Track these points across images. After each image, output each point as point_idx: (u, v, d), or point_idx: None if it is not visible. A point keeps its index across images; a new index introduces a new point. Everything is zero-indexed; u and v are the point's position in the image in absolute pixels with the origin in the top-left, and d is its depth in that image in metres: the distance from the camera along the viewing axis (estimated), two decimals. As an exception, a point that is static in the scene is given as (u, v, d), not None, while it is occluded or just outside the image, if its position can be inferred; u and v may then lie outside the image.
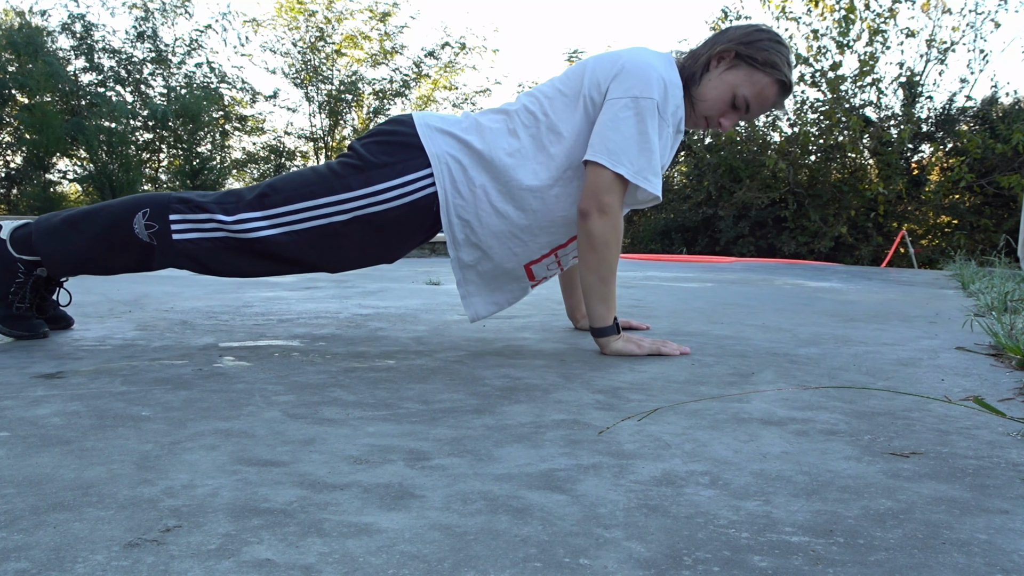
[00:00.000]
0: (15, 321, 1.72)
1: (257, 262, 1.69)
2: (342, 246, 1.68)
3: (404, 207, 1.67)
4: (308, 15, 13.78)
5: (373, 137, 1.71)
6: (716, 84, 1.70)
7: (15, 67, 10.68)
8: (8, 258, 1.69)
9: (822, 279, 4.53)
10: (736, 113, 1.75)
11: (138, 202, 1.66)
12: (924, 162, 10.28)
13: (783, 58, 1.70)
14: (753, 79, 1.69)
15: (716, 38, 1.72)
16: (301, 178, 1.68)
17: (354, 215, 1.65)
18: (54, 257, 1.67)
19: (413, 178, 1.66)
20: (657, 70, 1.64)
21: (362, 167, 1.66)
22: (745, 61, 1.68)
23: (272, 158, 14.09)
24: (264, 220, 1.64)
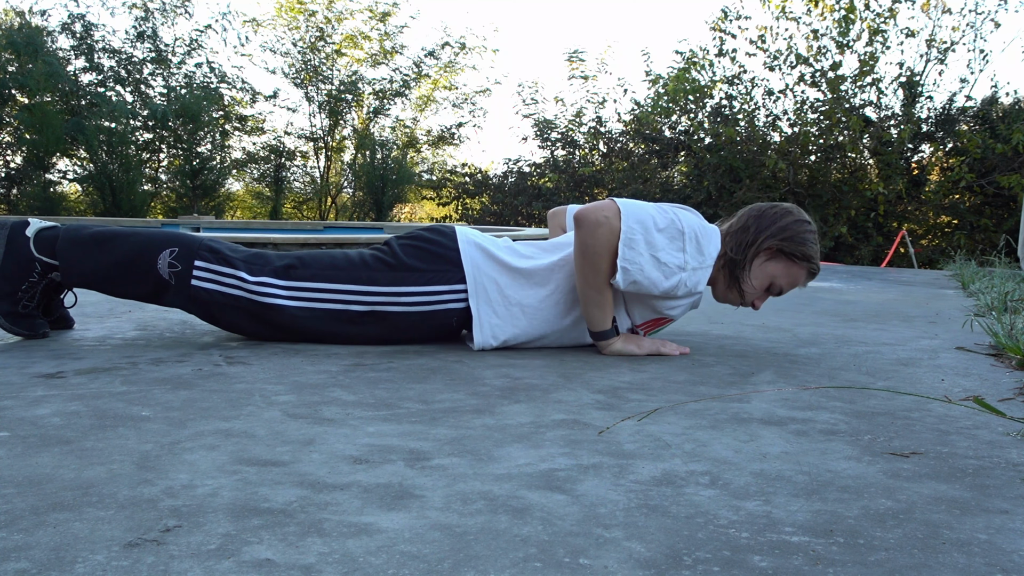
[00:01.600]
0: (18, 319, 1.72)
1: (262, 327, 1.75)
2: (350, 331, 1.75)
3: (422, 315, 1.73)
4: (308, 15, 13.77)
5: (411, 240, 1.78)
6: (758, 274, 1.78)
7: (15, 67, 10.68)
8: (28, 256, 1.69)
9: (822, 279, 4.53)
10: (767, 295, 1.85)
11: (169, 239, 1.70)
12: (924, 162, 10.27)
13: (815, 248, 1.80)
14: (790, 271, 1.79)
15: (757, 227, 1.77)
16: (332, 260, 1.74)
17: (372, 308, 1.71)
18: (72, 269, 1.70)
19: (440, 290, 1.72)
20: (717, 247, 1.72)
21: (394, 265, 1.72)
22: (784, 255, 1.77)
23: (272, 158, 14.08)
24: (286, 290, 1.70)
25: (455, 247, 1.75)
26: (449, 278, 1.72)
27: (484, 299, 1.73)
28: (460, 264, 1.73)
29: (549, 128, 12.28)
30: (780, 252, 1.76)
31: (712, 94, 10.73)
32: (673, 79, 10.85)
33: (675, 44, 20.26)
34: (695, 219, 1.74)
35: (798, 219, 1.78)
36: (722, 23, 10.45)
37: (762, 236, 1.76)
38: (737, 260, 1.77)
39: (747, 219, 1.79)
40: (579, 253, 1.66)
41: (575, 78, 12.12)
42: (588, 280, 1.66)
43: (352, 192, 14.88)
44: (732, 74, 10.62)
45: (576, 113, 12.21)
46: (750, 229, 1.77)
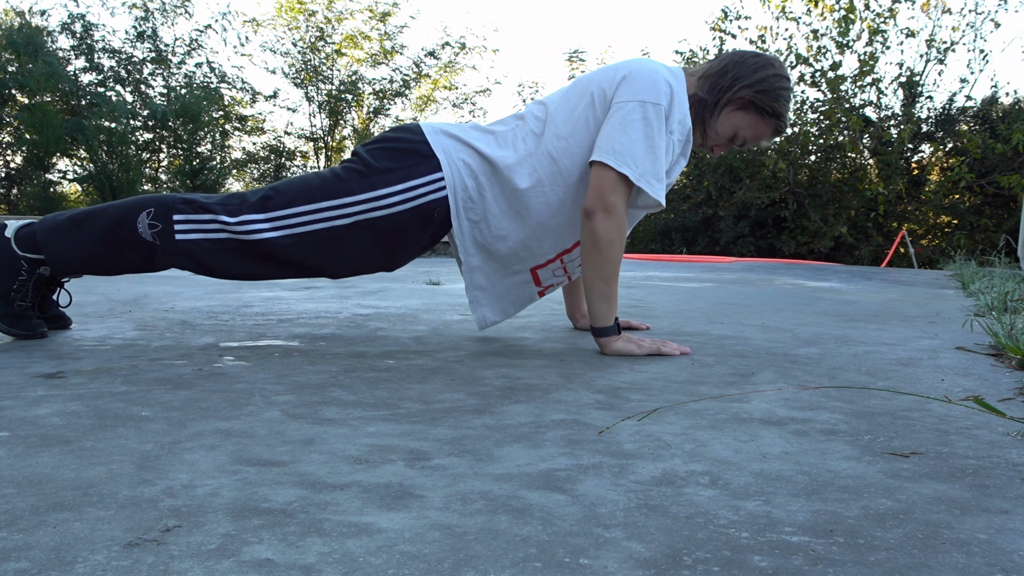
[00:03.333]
0: (15, 319, 1.72)
1: (258, 264, 1.70)
2: (343, 250, 1.70)
3: (406, 213, 1.69)
4: (308, 15, 13.78)
5: (378, 143, 1.75)
6: (723, 121, 1.77)
7: (15, 67, 10.68)
8: (12, 255, 1.69)
9: (822, 279, 4.53)
10: (731, 144, 1.84)
11: (143, 202, 1.68)
12: (924, 162, 10.28)
13: (787, 106, 1.78)
14: (757, 125, 1.78)
15: (735, 73, 1.75)
16: (304, 182, 1.71)
17: (356, 219, 1.68)
18: (58, 255, 1.68)
19: (416, 184, 1.69)
20: (664, 77, 1.68)
21: (366, 172, 1.68)
22: (755, 107, 1.75)
23: (272, 158, 14.09)
24: (267, 222, 1.66)
25: (423, 139, 1.73)
26: (423, 170, 1.69)
27: (461, 186, 1.72)
28: (430, 154, 1.71)
29: (549, 128, 12.26)
30: (751, 104, 1.75)
31: (712, 94, 10.71)
32: (673, 79, 10.84)
33: (675, 44, 20.26)
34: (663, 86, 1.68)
35: (777, 73, 1.76)
36: (722, 23, 10.45)
37: (738, 84, 1.74)
38: (707, 102, 1.76)
39: (727, 64, 1.78)
40: (590, 243, 1.66)
41: (575, 78, 12.12)
42: (598, 271, 1.67)
43: (352, 192, 14.84)
44: (732, 74, 10.60)
45: (576, 113, 12.19)
46: (728, 74, 1.76)
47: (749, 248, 10.59)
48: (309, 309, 2.45)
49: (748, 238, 10.63)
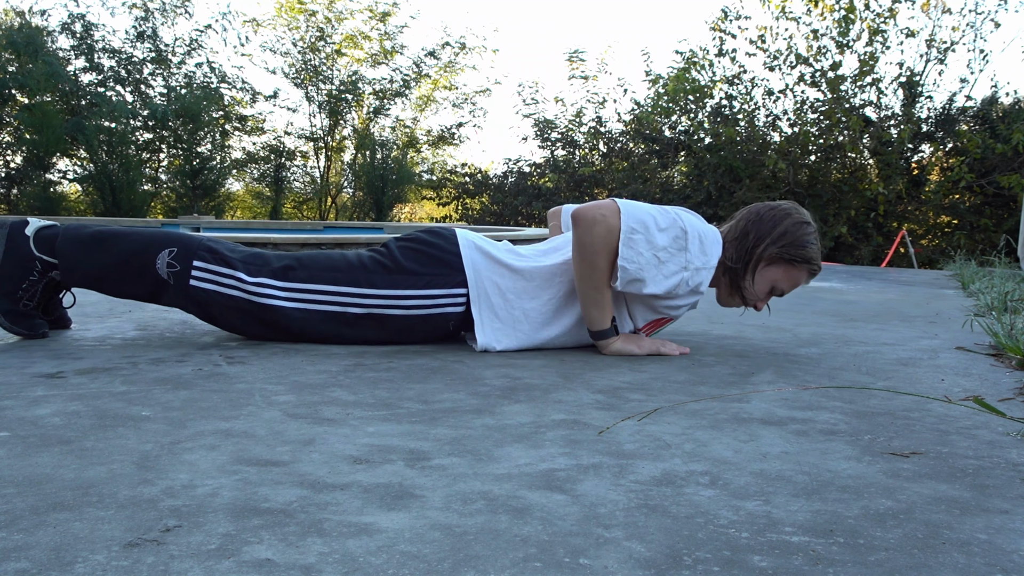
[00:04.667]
0: (18, 318, 1.72)
1: (261, 328, 1.75)
2: (348, 333, 1.75)
3: (420, 318, 1.73)
4: (308, 15, 13.77)
5: (410, 243, 1.77)
6: (759, 280, 1.78)
7: (15, 67, 10.68)
8: (28, 255, 1.69)
9: (822, 279, 4.53)
10: (770, 298, 1.85)
11: (168, 239, 1.71)
12: (924, 162, 10.27)
13: (816, 248, 1.79)
14: (791, 274, 1.79)
15: (757, 233, 1.77)
16: (330, 261, 1.74)
17: (369, 311, 1.72)
18: (72, 268, 1.70)
19: (437, 293, 1.72)
20: (720, 247, 1.72)
21: (392, 269, 1.72)
22: (785, 260, 1.77)
23: (272, 158, 14.08)
24: (283, 291, 1.70)
25: (455, 250, 1.74)
26: (447, 282, 1.72)
27: (486, 303, 1.73)
28: (459, 267, 1.73)
29: (549, 128, 12.28)
30: (781, 259, 1.76)
31: (712, 94, 10.73)
32: (673, 79, 10.86)
33: (675, 44, 20.25)
34: (697, 220, 1.73)
35: (797, 221, 1.77)
36: (722, 23, 10.44)
37: (762, 244, 1.75)
38: (737, 269, 1.77)
39: (746, 224, 1.78)
40: (577, 252, 1.66)
41: (575, 78, 12.11)
42: (586, 279, 1.66)
43: (352, 192, 14.87)
44: (732, 74, 10.62)
45: (576, 113, 12.21)
46: (749, 235, 1.76)
47: (749, 248, 10.55)
48: (309, 309, 2.45)
49: (748, 238, 10.59)
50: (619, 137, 11.82)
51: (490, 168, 13.18)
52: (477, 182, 12.63)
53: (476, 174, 12.75)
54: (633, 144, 11.53)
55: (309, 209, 15.11)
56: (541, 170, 12.31)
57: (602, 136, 11.92)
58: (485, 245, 1.78)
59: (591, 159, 12.05)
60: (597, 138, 11.95)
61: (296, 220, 14.00)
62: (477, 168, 12.90)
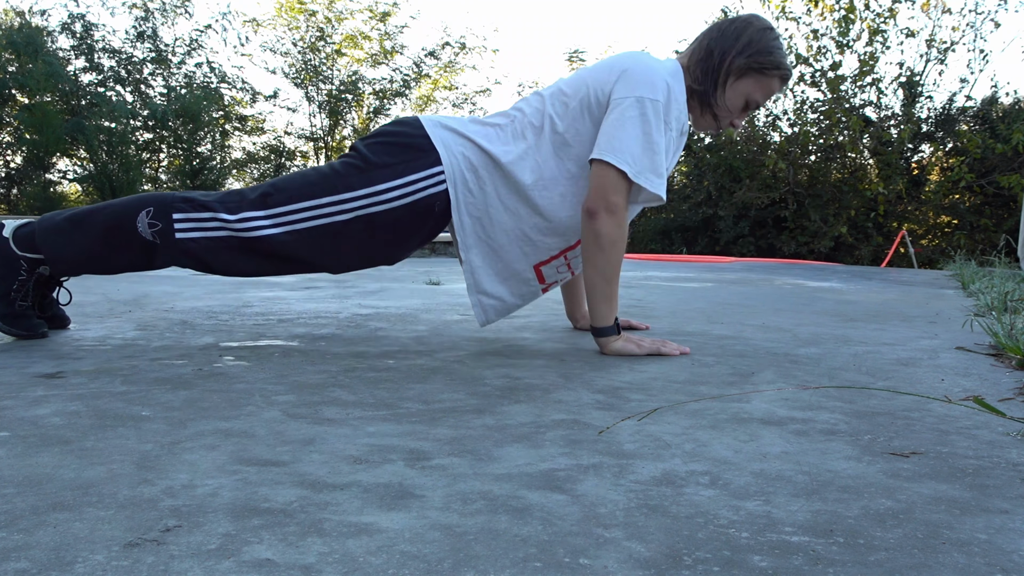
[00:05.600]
0: (16, 319, 1.72)
1: (259, 261, 1.70)
2: (343, 246, 1.70)
3: (405, 207, 1.69)
4: (308, 15, 13.78)
5: (376, 137, 1.74)
6: (730, 95, 1.76)
7: (15, 67, 10.68)
8: (11, 255, 1.69)
9: (822, 279, 4.53)
10: (747, 112, 1.82)
11: (142, 201, 1.67)
12: (924, 162, 10.28)
13: (783, 52, 1.76)
14: (763, 83, 1.76)
15: (721, 48, 1.74)
16: (303, 178, 1.70)
17: (355, 215, 1.67)
18: (57, 255, 1.68)
19: (415, 178, 1.68)
20: (661, 74, 1.68)
21: (364, 167, 1.68)
22: (754, 70, 1.74)
23: (272, 158, 14.09)
24: (267, 219, 1.66)
25: (421, 132, 1.72)
26: (422, 164, 1.69)
27: (461, 179, 1.71)
28: (429, 148, 1.70)
29: (549, 128, 12.26)
30: (749, 68, 1.73)
31: (712, 94, 10.71)
32: (673, 79, 10.83)
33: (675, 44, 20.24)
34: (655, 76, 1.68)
35: (760, 28, 1.75)
36: (722, 23, 10.43)
37: (728, 57, 1.73)
38: (706, 89, 1.75)
39: (708, 42, 1.76)
40: (592, 243, 1.66)
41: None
42: (600, 270, 1.66)
43: (352, 192, 14.86)
44: (732, 74, 10.60)
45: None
46: (713, 52, 1.74)
47: (749, 248, 10.59)
48: (309, 309, 2.45)
49: (748, 238, 10.62)
50: (619, 137, 11.80)
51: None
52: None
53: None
54: (633, 144, 11.51)
55: (309, 209, 15.09)
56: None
57: (602, 136, 11.90)
58: (449, 121, 1.76)
59: (591, 159, 12.03)
60: (597, 138, 11.93)
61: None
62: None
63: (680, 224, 11.20)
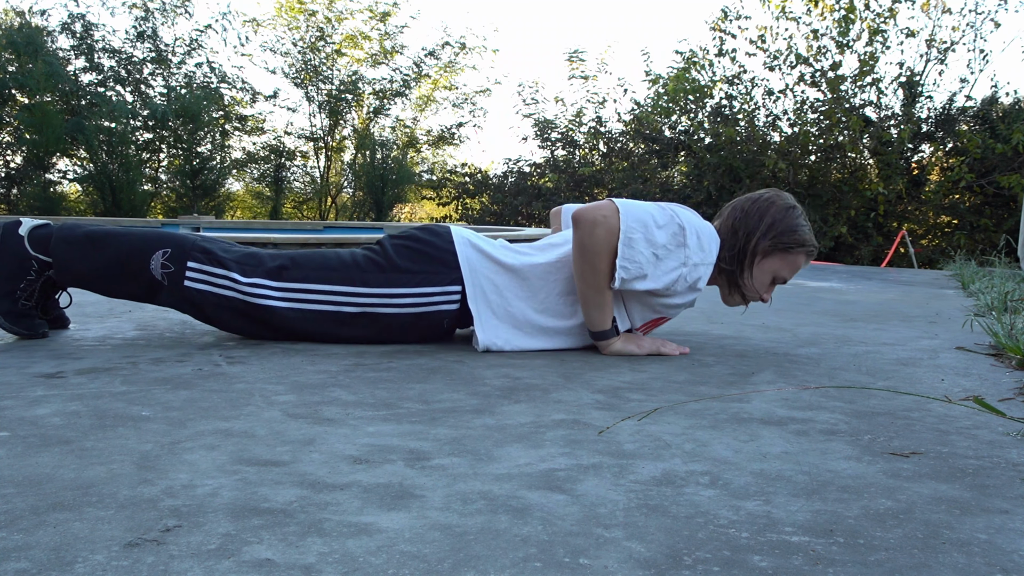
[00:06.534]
0: (18, 318, 1.72)
1: (255, 327, 1.75)
2: (343, 331, 1.75)
3: (413, 316, 1.73)
4: (308, 15, 13.77)
5: (405, 240, 1.77)
6: (758, 274, 1.78)
7: (15, 67, 10.68)
8: (24, 254, 1.69)
9: (822, 279, 4.53)
10: (774, 286, 1.84)
11: (162, 240, 1.71)
12: (924, 162, 10.27)
13: (807, 230, 1.78)
14: (789, 261, 1.78)
15: (746, 230, 1.75)
16: (324, 260, 1.74)
17: (363, 310, 1.72)
18: (66, 267, 1.70)
19: (431, 291, 1.72)
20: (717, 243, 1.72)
21: (386, 267, 1.72)
22: (780, 250, 1.76)
23: (272, 158, 14.08)
24: (277, 291, 1.70)
25: (450, 248, 1.74)
26: (442, 279, 1.72)
27: (483, 301, 1.73)
28: (454, 265, 1.72)
29: (549, 128, 12.28)
30: (776, 249, 1.75)
31: (712, 94, 10.72)
32: (673, 79, 10.85)
33: (675, 44, 20.24)
34: (694, 217, 1.73)
35: (782, 207, 1.76)
36: (722, 23, 10.44)
37: (753, 239, 1.74)
38: (733, 270, 1.77)
39: (733, 222, 1.77)
40: (577, 253, 1.66)
41: (575, 78, 12.11)
42: (587, 280, 1.66)
43: (352, 192, 14.88)
44: (732, 74, 10.61)
45: (576, 113, 12.21)
46: (739, 233, 1.75)
47: (749, 248, 10.56)
48: (309, 309, 2.45)
49: (748, 238, 10.60)
50: (619, 137, 11.82)
51: (490, 168, 13.18)
52: (477, 182, 12.63)
53: (476, 174, 12.75)
54: (633, 144, 11.53)
55: (309, 209, 15.11)
56: (541, 170, 12.31)
57: (602, 136, 11.92)
58: (480, 242, 1.77)
59: (591, 159, 12.05)
60: (597, 138, 11.95)
61: (296, 220, 14.00)
62: (477, 168, 12.90)
63: (680, 224, 11.18)
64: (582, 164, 11.75)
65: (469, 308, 1.73)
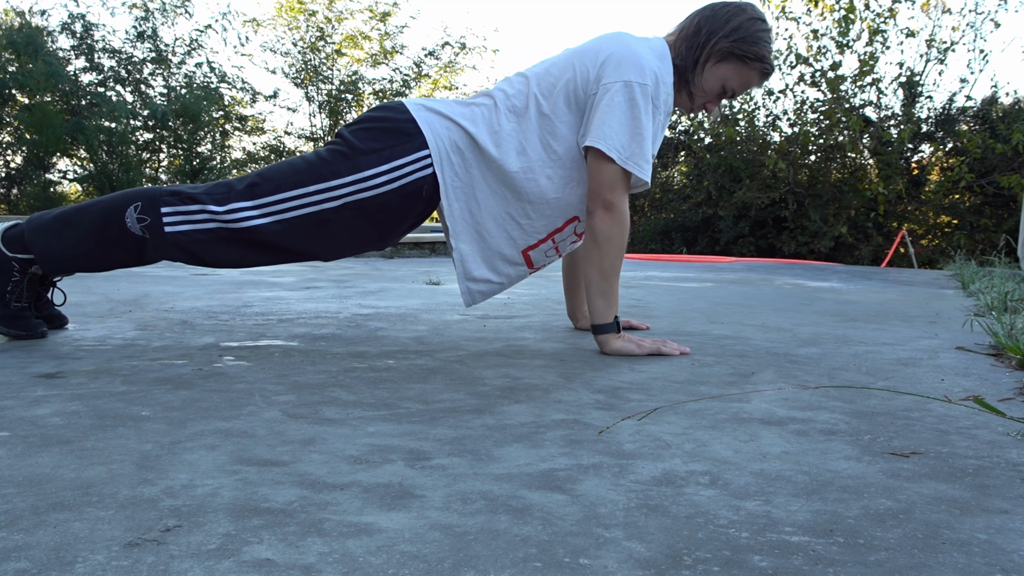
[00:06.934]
0: (13, 320, 1.72)
1: (249, 251, 1.70)
2: (332, 233, 1.70)
3: (393, 192, 1.69)
4: (308, 15, 13.78)
5: (361, 124, 1.73)
6: (708, 77, 1.76)
7: (15, 67, 10.68)
8: (2, 257, 1.69)
9: (822, 279, 4.53)
10: (721, 98, 1.82)
11: (129, 196, 1.67)
12: (924, 162, 10.27)
13: (769, 47, 1.76)
14: (741, 72, 1.76)
15: (709, 28, 1.74)
16: (290, 167, 1.70)
17: (343, 202, 1.67)
18: (47, 255, 1.68)
19: (401, 163, 1.68)
20: (648, 57, 1.69)
21: (350, 154, 1.68)
22: (735, 56, 1.74)
23: (272, 158, 14.09)
24: (255, 209, 1.66)
25: (407, 116, 1.71)
26: (408, 149, 1.68)
27: (448, 162, 1.71)
28: (415, 132, 1.69)
29: (549, 128, 12.25)
30: (731, 54, 1.73)
31: (712, 94, 10.71)
32: (673, 79, 10.83)
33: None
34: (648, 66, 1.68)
35: (751, 16, 1.75)
36: (722, 23, 10.42)
37: (714, 38, 1.72)
38: (687, 65, 1.75)
39: (699, 20, 1.76)
40: (590, 239, 1.67)
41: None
42: (596, 266, 1.67)
43: (352, 192, 14.86)
44: (732, 74, 10.60)
45: (576, 113, 12.18)
46: (701, 31, 1.74)
47: (749, 248, 10.59)
48: (309, 309, 2.45)
49: (748, 238, 10.62)
50: (619, 137, 11.80)
51: (490, 168, 13.17)
52: (477, 182, 12.61)
53: (476, 174, 12.74)
54: (633, 144, 11.51)
55: (309, 209, 15.10)
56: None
57: (602, 136, 11.89)
58: (434, 104, 1.76)
59: (591, 159, 12.03)
60: (597, 138, 11.92)
61: (296, 220, 13.98)
62: (477, 168, 12.89)
63: (680, 224, 11.20)
64: (582, 164, 11.73)
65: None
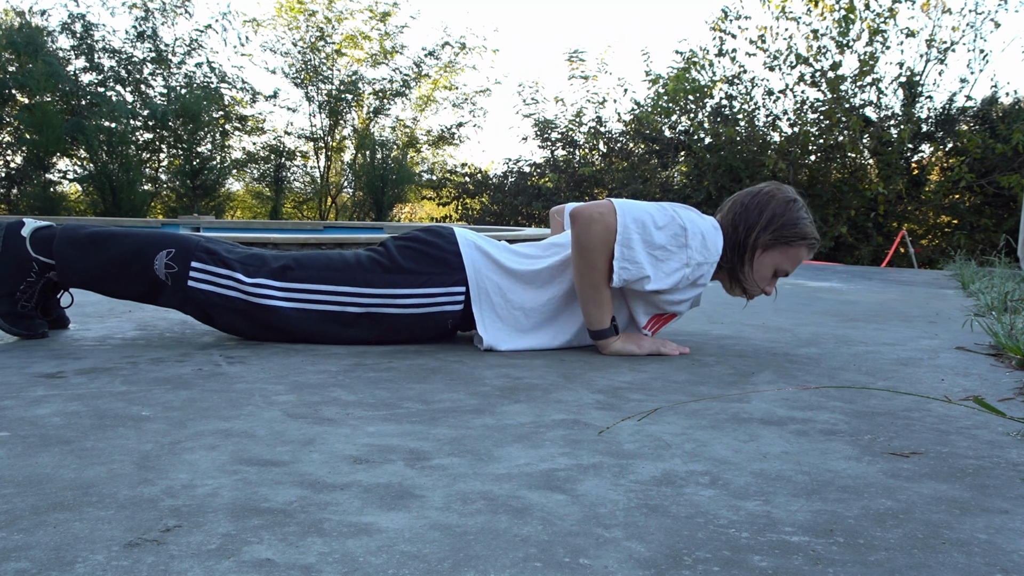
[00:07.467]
0: (17, 319, 1.72)
1: (257, 328, 1.75)
2: (346, 332, 1.74)
3: (417, 316, 1.73)
4: (308, 15, 13.78)
5: (409, 242, 1.77)
6: (759, 267, 1.77)
7: (15, 67, 10.68)
8: (25, 256, 1.69)
9: (822, 279, 4.52)
10: (776, 279, 1.83)
11: (166, 240, 1.70)
12: (924, 162, 10.27)
13: (809, 223, 1.77)
14: (790, 254, 1.78)
15: (744, 225, 1.75)
16: (327, 261, 1.74)
17: (367, 310, 1.72)
18: (69, 269, 1.70)
19: (435, 292, 1.72)
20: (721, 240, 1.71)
21: (389, 268, 1.72)
22: (781, 243, 1.75)
23: (272, 158, 14.09)
24: (281, 291, 1.70)
25: (454, 249, 1.74)
26: (446, 280, 1.72)
27: (487, 302, 1.74)
28: (457, 266, 1.73)
29: (549, 128, 12.28)
30: (776, 242, 1.75)
31: (712, 94, 10.73)
32: (673, 79, 10.85)
33: (675, 44, 20.24)
34: (696, 215, 1.73)
35: (783, 201, 1.76)
36: (722, 23, 10.44)
37: (753, 233, 1.74)
38: (733, 266, 1.77)
39: (733, 217, 1.77)
40: (575, 250, 1.66)
41: (575, 78, 12.12)
42: (585, 277, 1.66)
43: (352, 192, 14.89)
44: (732, 74, 10.62)
45: (576, 113, 12.21)
46: (739, 228, 1.75)
47: (749, 248, 10.56)
48: (309, 309, 2.44)
49: (748, 238, 10.61)
50: (619, 137, 11.83)
51: (490, 168, 13.19)
52: (477, 182, 12.63)
53: (476, 174, 12.75)
54: (633, 144, 11.53)
55: (309, 209, 15.11)
56: (541, 170, 12.31)
57: (602, 136, 11.92)
58: (484, 244, 1.78)
59: (591, 159, 12.05)
60: (597, 138, 11.95)
61: (296, 220, 14.01)
62: (477, 168, 12.90)
63: (680, 224, 11.18)
64: (582, 164, 11.75)
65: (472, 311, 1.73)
